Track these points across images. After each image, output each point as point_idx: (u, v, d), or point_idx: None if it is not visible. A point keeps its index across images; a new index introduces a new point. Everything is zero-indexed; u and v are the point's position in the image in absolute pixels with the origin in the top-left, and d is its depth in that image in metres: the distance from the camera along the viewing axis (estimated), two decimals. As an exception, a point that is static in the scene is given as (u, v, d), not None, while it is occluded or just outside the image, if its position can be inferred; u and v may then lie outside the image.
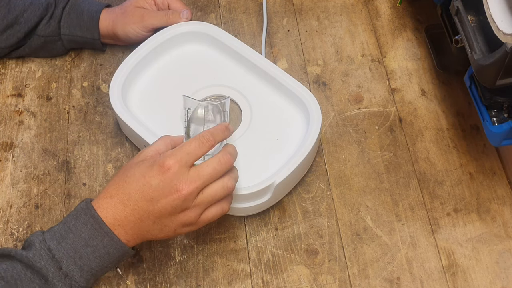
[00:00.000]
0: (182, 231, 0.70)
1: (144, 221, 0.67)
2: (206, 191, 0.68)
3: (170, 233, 0.69)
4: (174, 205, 0.66)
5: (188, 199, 0.66)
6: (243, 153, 0.86)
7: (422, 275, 0.81)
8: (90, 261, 0.67)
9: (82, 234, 0.67)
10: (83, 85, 0.97)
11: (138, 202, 0.67)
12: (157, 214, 0.67)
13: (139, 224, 0.68)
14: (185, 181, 0.66)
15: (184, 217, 0.68)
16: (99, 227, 0.66)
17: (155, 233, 0.69)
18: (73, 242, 0.66)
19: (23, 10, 0.92)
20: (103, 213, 0.67)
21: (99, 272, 0.68)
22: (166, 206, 0.66)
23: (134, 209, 0.67)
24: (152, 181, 0.66)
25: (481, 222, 0.85)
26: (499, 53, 0.68)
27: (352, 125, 0.93)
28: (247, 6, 1.06)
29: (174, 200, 0.66)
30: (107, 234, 0.66)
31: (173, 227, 0.68)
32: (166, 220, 0.68)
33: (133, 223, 0.67)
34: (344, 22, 1.04)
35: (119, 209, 0.67)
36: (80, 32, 0.95)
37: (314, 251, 0.83)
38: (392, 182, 0.88)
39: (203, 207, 0.69)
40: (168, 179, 0.66)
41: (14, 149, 0.91)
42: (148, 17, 0.93)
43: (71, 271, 0.66)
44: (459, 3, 0.76)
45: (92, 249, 0.66)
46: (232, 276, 0.81)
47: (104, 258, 0.67)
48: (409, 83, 0.97)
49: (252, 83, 0.91)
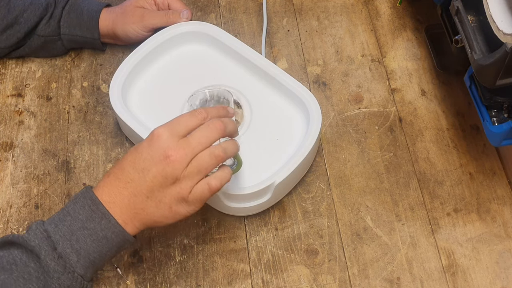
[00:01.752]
0: (178, 210, 0.67)
1: (138, 196, 0.66)
2: (195, 160, 0.66)
3: (166, 211, 0.67)
4: (164, 173, 0.65)
5: (178, 167, 0.65)
6: (243, 153, 0.86)
7: (422, 275, 0.81)
8: (87, 245, 0.65)
9: (79, 216, 0.66)
10: (83, 85, 0.97)
11: (130, 174, 0.66)
12: (149, 185, 0.66)
13: (133, 200, 0.66)
14: (174, 148, 0.65)
15: (175, 188, 0.66)
16: (96, 208, 0.66)
17: (151, 211, 0.67)
18: (70, 224, 0.65)
19: (23, 10, 0.92)
20: (99, 192, 0.66)
21: (98, 261, 0.67)
22: (156, 175, 0.65)
23: (126, 182, 0.66)
24: (143, 151, 0.66)
25: (481, 222, 0.85)
26: (499, 53, 0.68)
27: (352, 125, 0.93)
28: (247, 6, 1.06)
29: (164, 168, 0.65)
30: (104, 215, 0.65)
31: (167, 202, 0.66)
32: (158, 193, 0.66)
33: (127, 199, 0.66)
34: (344, 22, 1.04)
35: (113, 185, 0.67)
36: (80, 31, 0.95)
37: (314, 251, 0.83)
38: (392, 182, 0.88)
39: (193, 178, 0.66)
40: (157, 147, 0.65)
41: (14, 149, 0.91)
42: (148, 17, 0.93)
43: (67, 255, 0.65)
44: (459, 3, 0.76)
45: (89, 231, 0.65)
46: (232, 276, 0.81)
47: (101, 243, 0.66)
48: (409, 83, 0.97)
49: (252, 83, 0.91)
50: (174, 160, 0.65)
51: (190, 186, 0.66)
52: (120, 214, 0.66)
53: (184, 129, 0.67)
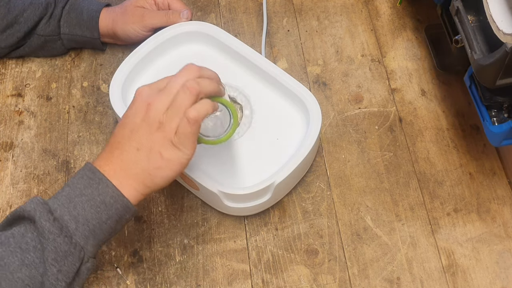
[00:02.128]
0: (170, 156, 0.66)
1: (128, 151, 0.66)
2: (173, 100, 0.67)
3: (158, 160, 0.66)
4: (147, 120, 0.66)
5: (158, 109, 0.66)
6: (243, 153, 0.86)
7: (422, 275, 0.81)
8: (85, 211, 0.65)
9: (77, 185, 0.66)
10: (83, 85, 0.97)
11: (119, 134, 0.67)
12: (136, 137, 0.66)
13: (125, 157, 0.66)
14: (153, 96, 0.67)
15: (161, 133, 0.66)
16: (93, 175, 0.66)
17: (143, 164, 0.66)
18: (68, 193, 0.66)
19: (23, 9, 0.92)
20: (97, 163, 0.67)
21: (98, 230, 0.65)
22: (141, 124, 0.66)
23: (116, 142, 0.67)
24: (128, 111, 0.68)
25: (481, 222, 0.85)
26: (499, 53, 0.68)
27: (352, 125, 0.93)
28: (247, 6, 1.06)
29: (146, 115, 0.66)
30: (101, 180, 0.65)
31: (157, 149, 0.66)
32: (147, 142, 0.66)
33: (119, 158, 0.66)
34: (344, 22, 1.04)
35: (106, 150, 0.68)
36: (80, 31, 0.95)
37: (314, 251, 0.83)
38: (392, 182, 0.88)
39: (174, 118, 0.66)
40: (139, 100, 0.67)
41: (14, 149, 0.91)
42: (148, 17, 0.93)
43: (65, 221, 0.64)
44: (459, 3, 0.76)
45: (86, 197, 0.65)
46: (232, 276, 0.81)
47: (100, 209, 0.65)
48: (409, 83, 0.97)
49: (252, 83, 0.91)
50: (154, 105, 0.66)
51: (173, 127, 0.66)
52: (115, 175, 0.66)
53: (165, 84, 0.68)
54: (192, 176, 0.80)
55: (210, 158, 0.85)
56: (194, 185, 0.82)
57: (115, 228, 0.67)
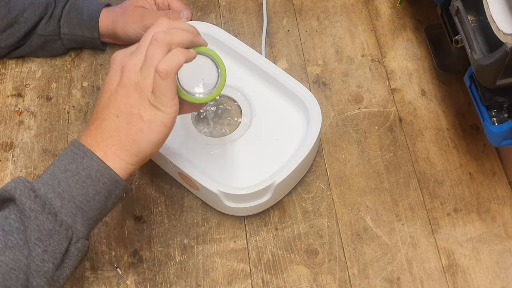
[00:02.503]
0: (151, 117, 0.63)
1: (108, 119, 0.63)
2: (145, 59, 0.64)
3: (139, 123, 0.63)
4: (123, 84, 0.63)
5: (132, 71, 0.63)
6: (243, 153, 0.86)
7: (422, 275, 0.81)
8: (70, 187, 0.61)
9: (62, 162, 0.62)
10: (83, 85, 0.97)
11: (98, 104, 0.65)
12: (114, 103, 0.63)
13: (106, 125, 0.63)
14: (127, 58, 0.64)
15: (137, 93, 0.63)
16: (77, 150, 0.62)
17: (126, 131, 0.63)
18: (53, 171, 0.62)
19: (23, 9, 0.92)
20: (81, 138, 0.64)
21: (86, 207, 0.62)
22: (117, 89, 0.64)
23: (97, 112, 0.64)
24: (106, 79, 0.66)
25: (481, 222, 0.85)
26: (499, 53, 0.68)
27: (352, 125, 0.93)
28: (247, 6, 1.06)
29: (121, 79, 0.64)
30: (85, 154, 0.62)
31: (136, 112, 0.63)
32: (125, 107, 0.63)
33: (101, 128, 0.63)
34: (344, 22, 1.04)
35: (89, 124, 0.65)
36: (80, 31, 0.95)
37: (314, 251, 0.83)
38: (392, 182, 0.88)
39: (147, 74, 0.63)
40: (113, 67, 0.65)
41: (14, 149, 0.91)
42: (148, 17, 0.93)
43: (50, 199, 0.61)
44: (459, 3, 0.76)
45: (71, 172, 0.62)
46: (232, 276, 0.81)
47: (86, 184, 0.62)
48: (409, 83, 0.97)
49: (252, 83, 0.91)
50: (127, 66, 0.64)
51: (148, 85, 0.62)
52: (98, 146, 0.63)
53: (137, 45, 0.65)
54: (192, 176, 0.80)
55: (210, 158, 0.85)
56: (194, 185, 0.82)
57: (105, 204, 0.64)
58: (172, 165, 0.82)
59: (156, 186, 0.88)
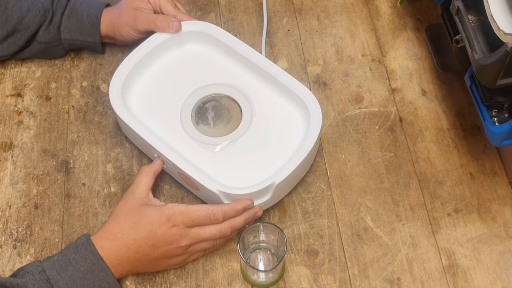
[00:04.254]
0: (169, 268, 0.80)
1: (142, 261, 0.76)
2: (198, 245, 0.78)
3: (159, 269, 0.80)
4: (172, 252, 0.76)
5: (185, 249, 0.77)
6: (243, 153, 0.86)
7: (423, 276, 0.81)
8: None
9: (81, 268, 0.72)
10: (83, 85, 0.97)
11: (141, 247, 0.75)
12: (155, 257, 0.76)
13: (137, 263, 0.76)
14: (185, 237, 0.76)
15: (176, 259, 0.78)
16: (97, 262, 0.73)
17: (146, 269, 0.79)
18: (72, 274, 0.72)
19: (21, 17, 0.91)
20: (106, 253, 0.74)
21: None
22: (165, 252, 0.76)
23: (136, 252, 0.75)
24: (158, 231, 0.75)
25: (481, 223, 0.85)
26: (500, 53, 0.68)
27: (353, 125, 0.93)
28: (247, 6, 1.05)
29: (174, 249, 0.76)
30: (103, 269, 0.73)
31: (164, 266, 0.79)
32: (161, 261, 0.77)
33: (132, 262, 0.75)
34: (345, 22, 1.03)
35: (122, 250, 0.74)
36: (82, 36, 0.94)
37: (314, 252, 0.83)
38: (392, 182, 0.88)
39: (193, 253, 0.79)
40: (172, 233, 0.75)
41: (13, 149, 0.91)
42: (139, 21, 0.91)
43: None
44: (460, 3, 0.76)
45: (88, 281, 0.72)
46: (232, 277, 0.81)
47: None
48: (409, 83, 0.97)
49: (252, 82, 0.91)
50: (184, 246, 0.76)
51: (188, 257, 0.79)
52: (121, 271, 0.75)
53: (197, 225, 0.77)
54: (192, 176, 0.80)
55: (210, 158, 0.85)
56: (194, 185, 0.82)
57: None
58: (172, 165, 0.82)
59: (156, 186, 0.88)
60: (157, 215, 0.75)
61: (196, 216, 0.76)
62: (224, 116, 0.89)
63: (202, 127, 0.88)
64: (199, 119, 0.89)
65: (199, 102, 0.90)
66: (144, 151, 0.89)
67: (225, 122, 0.88)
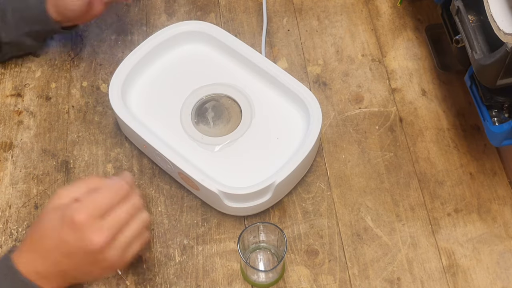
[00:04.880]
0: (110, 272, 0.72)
1: (67, 272, 0.66)
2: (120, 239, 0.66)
3: (97, 275, 0.69)
4: (92, 255, 0.65)
5: (104, 247, 0.64)
6: (243, 153, 0.86)
7: (423, 276, 0.81)
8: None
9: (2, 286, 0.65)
10: (83, 85, 0.97)
11: (57, 257, 0.65)
12: (78, 264, 0.66)
13: (62, 274, 0.66)
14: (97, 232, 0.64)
15: (105, 262, 0.65)
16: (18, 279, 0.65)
17: (81, 277, 0.68)
18: None
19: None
20: (25, 268, 0.66)
21: None
22: (85, 257, 0.65)
23: (54, 263, 0.66)
24: (67, 237, 0.64)
25: (481, 223, 0.85)
26: (500, 53, 0.68)
27: (353, 125, 0.93)
28: (247, 6, 1.05)
29: (92, 251, 0.64)
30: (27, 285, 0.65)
31: (98, 271, 0.67)
32: (89, 267, 0.66)
33: (56, 274, 0.66)
34: (345, 22, 1.03)
35: (39, 262, 0.66)
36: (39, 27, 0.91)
37: (314, 252, 0.83)
38: (392, 182, 0.88)
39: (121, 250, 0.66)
40: (81, 234, 0.64)
41: (13, 149, 0.91)
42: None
43: None
44: (460, 3, 0.76)
45: None
46: (232, 277, 0.81)
47: None
48: (409, 83, 0.97)
49: (252, 82, 0.91)
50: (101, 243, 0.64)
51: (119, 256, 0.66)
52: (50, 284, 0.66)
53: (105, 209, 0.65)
54: (192, 176, 0.80)
55: (210, 158, 0.85)
56: (194, 185, 0.82)
57: None
58: (172, 165, 0.82)
59: (156, 186, 0.88)
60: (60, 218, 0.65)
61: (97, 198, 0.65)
62: (224, 116, 0.89)
63: (202, 127, 0.88)
64: (199, 119, 0.89)
65: (199, 102, 0.90)
66: (144, 151, 0.89)
67: (225, 122, 0.88)
